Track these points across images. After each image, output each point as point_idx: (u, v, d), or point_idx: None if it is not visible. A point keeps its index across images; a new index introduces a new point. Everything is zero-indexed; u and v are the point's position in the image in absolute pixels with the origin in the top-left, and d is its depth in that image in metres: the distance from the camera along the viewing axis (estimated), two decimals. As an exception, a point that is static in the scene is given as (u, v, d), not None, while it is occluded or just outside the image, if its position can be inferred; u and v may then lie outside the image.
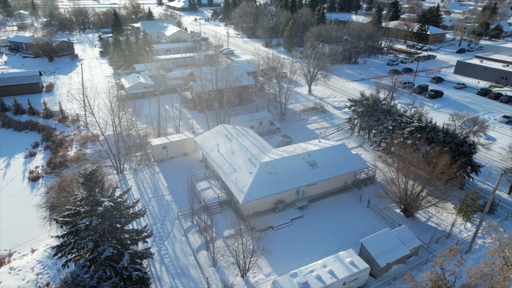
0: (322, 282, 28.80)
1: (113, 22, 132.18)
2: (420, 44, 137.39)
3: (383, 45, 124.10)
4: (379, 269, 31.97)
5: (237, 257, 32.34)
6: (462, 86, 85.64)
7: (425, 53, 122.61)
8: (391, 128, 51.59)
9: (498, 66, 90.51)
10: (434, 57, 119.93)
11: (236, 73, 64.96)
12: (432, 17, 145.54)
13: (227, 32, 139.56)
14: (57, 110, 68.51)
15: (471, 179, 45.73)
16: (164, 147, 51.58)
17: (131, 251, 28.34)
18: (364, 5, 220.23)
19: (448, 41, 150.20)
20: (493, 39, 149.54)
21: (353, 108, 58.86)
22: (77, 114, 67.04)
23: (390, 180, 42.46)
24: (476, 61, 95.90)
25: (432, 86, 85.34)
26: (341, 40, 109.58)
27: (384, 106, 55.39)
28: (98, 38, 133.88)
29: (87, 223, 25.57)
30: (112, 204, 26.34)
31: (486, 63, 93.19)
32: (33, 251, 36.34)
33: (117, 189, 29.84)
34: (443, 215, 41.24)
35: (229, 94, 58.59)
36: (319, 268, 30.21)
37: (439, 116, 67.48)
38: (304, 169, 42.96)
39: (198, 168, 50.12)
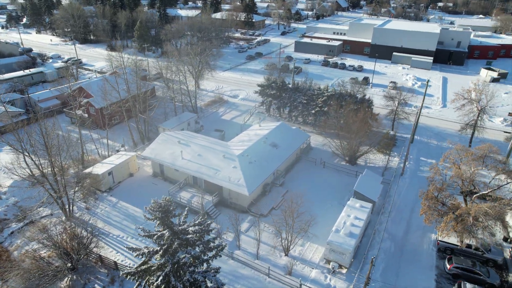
0: (357, 226, 35.45)
1: None
2: (251, 31, 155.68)
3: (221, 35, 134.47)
4: (373, 204, 41.08)
5: (281, 240, 35.01)
6: (308, 61, 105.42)
7: (260, 38, 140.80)
8: (305, 102, 61.40)
9: (324, 42, 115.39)
10: (268, 40, 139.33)
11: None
12: (251, 6, 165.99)
13: (70, 42, 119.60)
14: None
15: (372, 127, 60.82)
16: (110, 173, 45.18)
17: (213, 271, 27.02)
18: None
19: (268, 26, 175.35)
20: (297, 22, 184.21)
21: (263, 91, 65.69)
22: None
23: (334, 142, 52.35)
24: (308, 40, 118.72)
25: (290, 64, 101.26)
26: (195, 35, 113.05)
27: (289, 86, 64.70)
28: None
29: (188, 255, 23.32)
30: (199, 227, 24.59)
31: (315, 41, 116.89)
32: None
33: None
34: (373, 156, 54.17)
35: (150, 102, 54.96)
36: (346, 218, 36.59)
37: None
38: (271, 151, 47.47)
39: (159, 183, 46.81)
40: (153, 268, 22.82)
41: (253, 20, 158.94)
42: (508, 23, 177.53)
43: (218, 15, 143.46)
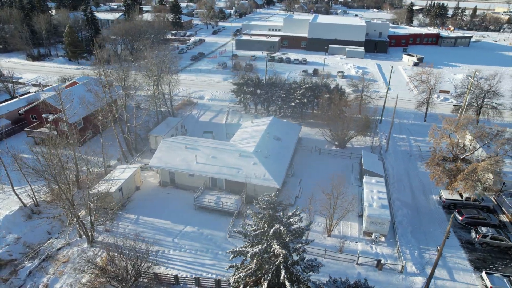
0: (384, 198, 39.92)
1: None
2: (182, 32, 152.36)
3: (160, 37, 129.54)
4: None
5: (326, 222, 37.68)
6: (255, 58, 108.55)
7: (195, 38, 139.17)
8: (283, 95, 64.40)
9: (264, 38, 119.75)
10: (203, 40, 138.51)
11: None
12: (178, 7, 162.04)
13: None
14: None
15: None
16: (120, 189, 42.06)
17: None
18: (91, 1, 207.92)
19: (195, 25, 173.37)
20: (223, 20, 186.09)
21: (240, 89, 66.75)
22: None
23: (324, 131, 56.65)
24: (248, 37, 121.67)
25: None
26: (135, 39, 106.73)
27: (263, 82, 66.99)
28: None
29: (301, 244, 24.51)
30: (299, 218, 25.66)
31: (255, 38, 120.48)
32: None
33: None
34: (356, 139, 59.76)
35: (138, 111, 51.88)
36: (371, 193, 40.78)
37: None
38: (277, 144, 49.51)
39: (173, 192, 45.16)
40: (276, 262, 23.39)
41: (182, 21, 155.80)
42: (402, 16, 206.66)
43: (147, 17, 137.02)
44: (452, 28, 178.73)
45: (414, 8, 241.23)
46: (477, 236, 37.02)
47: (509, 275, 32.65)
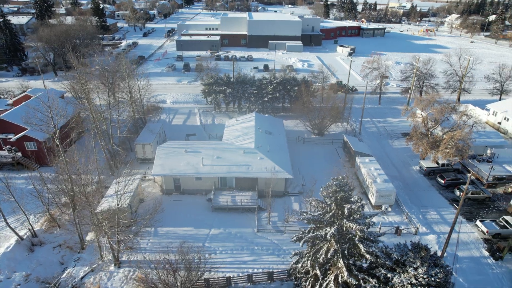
0: (383, 174, 44.63)
1: None
2: (110, 36, 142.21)
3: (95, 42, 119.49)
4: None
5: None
6: (200, 58, 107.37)
7: (128, 41, 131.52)
8: (255, 92, 66.00)
9: (205, 38, 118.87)
10: (137, 43, 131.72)
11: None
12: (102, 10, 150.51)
13: None
14: None
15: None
16: (129, 203, 39.56)
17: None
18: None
19: (121, 28, 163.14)
20: (149, 22, 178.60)
21: (211, 89, 66.40)
22: None
23: (303, 121, 59.96)
24: (188, 38, 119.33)
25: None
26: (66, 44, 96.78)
27: (232, 80, 67.69)
28: None
29: (368, 218, 26.95)
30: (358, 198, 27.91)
31: (196, 38, 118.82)
32: None
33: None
34: (332, 126, 64.18)
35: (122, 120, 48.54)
36: (370, 171, 45.24)
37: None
38: (271, 139, 51.24)
39: (182, 198, 43.89)
40: (356, 238, 25.41)
41: (108, 24, 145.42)
42: (319, 11, 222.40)
43: (71, 20, 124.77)
44: (365, 21, 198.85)
45: (328, 3, 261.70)
46: (461, 194, 43.95)
47: (495, 219, 39.81)
